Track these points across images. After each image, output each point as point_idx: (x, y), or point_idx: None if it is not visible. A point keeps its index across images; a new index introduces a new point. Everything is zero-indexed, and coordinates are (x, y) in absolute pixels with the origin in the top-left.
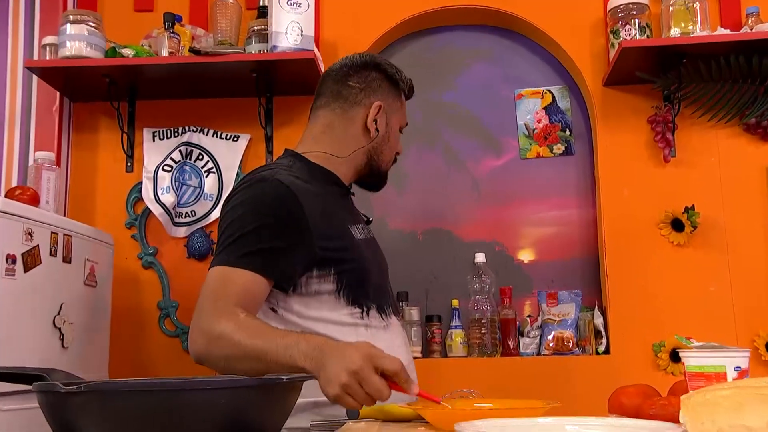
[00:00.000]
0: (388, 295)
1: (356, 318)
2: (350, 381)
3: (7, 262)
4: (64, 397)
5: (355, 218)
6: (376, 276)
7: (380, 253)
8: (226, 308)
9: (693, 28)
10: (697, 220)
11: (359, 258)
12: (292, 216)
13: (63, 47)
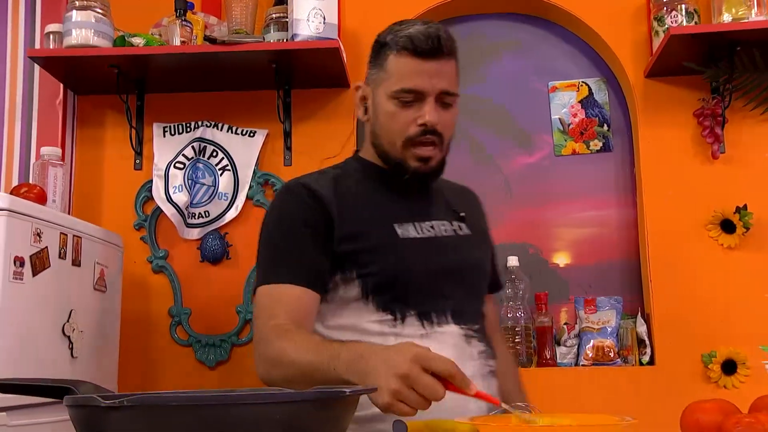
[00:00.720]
0: (446, 300)
1: (386, 326)
2: (400, 386)
3: (15, 265)
4: (103, 413)
5: (411, 215)
6: (424, 279)
7: (451, 253)
8: (277, 328)
9: (747, 13)
10: (749, 221)
11: (395, 259)
12: (311, 222)
13: (68, 35)
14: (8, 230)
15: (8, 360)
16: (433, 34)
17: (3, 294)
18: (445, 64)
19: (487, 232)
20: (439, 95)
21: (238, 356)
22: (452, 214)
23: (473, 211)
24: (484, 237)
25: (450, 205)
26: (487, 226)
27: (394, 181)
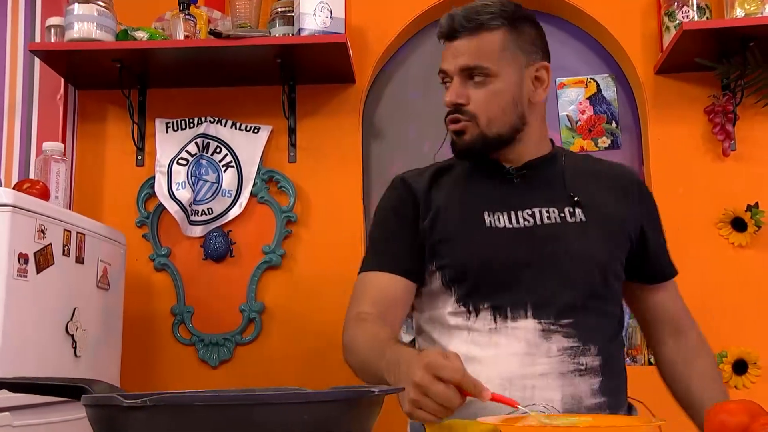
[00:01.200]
0: (527, 292)
1: (461, 319)
2: (416, 395)
3: (19, 262)
4: (125, 412)
5: (509, 203)
6: (502, 270)
7: (545, 241)
8: (355, 317)
9: (760, 8)
10: (761, 219)
11: (471, 249)
12: (401, 212)
13: (70, 29)
14: (12, 226)
15: (12, 359)
16: (453, 15)
17: (7, 292)
18: (466, 42)
19: (624, 217)
20: (464, 73)
21: (242, 355)
22: (567, 200)
23: (613, 194)
24: (610, 223)
25: (569, 189)
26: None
27: (496, 170)
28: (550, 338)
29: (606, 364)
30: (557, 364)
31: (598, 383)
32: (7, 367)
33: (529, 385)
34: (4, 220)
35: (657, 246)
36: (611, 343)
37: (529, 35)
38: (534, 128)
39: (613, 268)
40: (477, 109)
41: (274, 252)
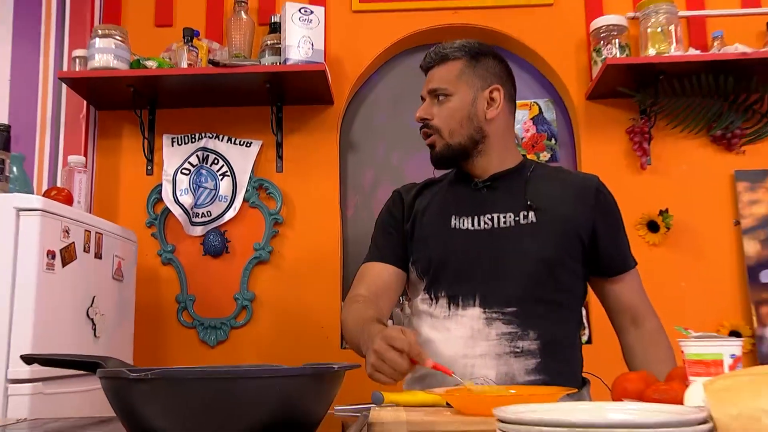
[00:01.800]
0: (477, 284)
1: (426, 306)
2: (375, 360)
3: (47, 257)
4: (131, 383)
5: (474, 209)
6: (458, 265)
7: (496, 241)
8: (350, 298)
9: (668, 48)
10: (670, 222)
11: (436, 247)
12: (393, 216)
13: (92, 59)
14: (42, 227)
15: (43, 338)
16: (429, 52)
17: (38, 283)
18: (435, 71)
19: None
20: (431, 94)
21: (236, 337)
22: (523, 206)
23: (569, 200)
24: (561, 224)
25: (521, 197)
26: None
27: (468, 182)
28: (491, 325)
29: (546, 347)
30: (494, 346)
31: (535, 364)
32: (39, 346)
33: (469, 364)
34: (35, 222)
35: (609, 244)
36: (556, 330)
37: (487, 65)
38: (495, 141)
39: (561, 262)
40: (439, 123)
41: (264, 249)
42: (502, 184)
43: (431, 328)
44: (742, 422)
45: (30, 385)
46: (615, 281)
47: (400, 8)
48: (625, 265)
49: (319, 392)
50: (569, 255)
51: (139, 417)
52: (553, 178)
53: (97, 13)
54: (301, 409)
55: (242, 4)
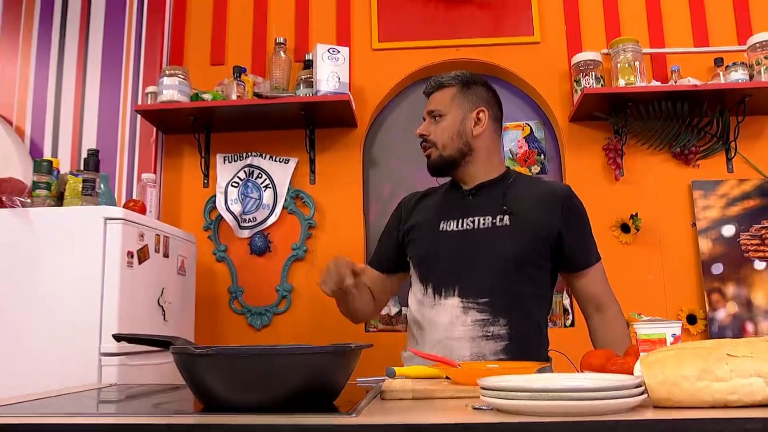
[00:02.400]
0: (457, 278)
1: (420, 295)
2: (323, 273)
3: (128, 257)
4: (195, 357)
5: (460, 213)
6: (442, 261)
7: (474, 241)
8: None
9: (635, 80)
10: (639, 224)
11: (427, 246)
12: (392, 224)
13: (161, 94)
14: (123, 233)
15: (125, 321)
16: (430, 81)
17: (121, 277)
18: (435, 96)
19: (544, 223)
20: (430, 115)
21: (278, 322)
22: (500, 211)
23: (540, 206)
24: (531, 227)
25: (499, 203)
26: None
27: (458, 191)
28: (467, 312)
29: (514, 332)
30: (469, 331)
31: (504, 346)
32: (122, 327)
33: (449, 345)
34: (118, 229)
35: (573, 244)
36: (524, 317)
37: (476, 91)
38: (480, 155)
39: (529, 260)
40: (435, 138)
41: (300, 248)
42: (485, 191)
43: (422, 313)
44: (667, 386)
45: (117, 358)
46: (580, 275)
47: (412, 46)
48: (588, 262)
49: (340, 366)
50: (537, 253)
51: (201, 383)
52: (529, 187)
53: (165, 55)
54: (326, 379)
55: (281, 45)
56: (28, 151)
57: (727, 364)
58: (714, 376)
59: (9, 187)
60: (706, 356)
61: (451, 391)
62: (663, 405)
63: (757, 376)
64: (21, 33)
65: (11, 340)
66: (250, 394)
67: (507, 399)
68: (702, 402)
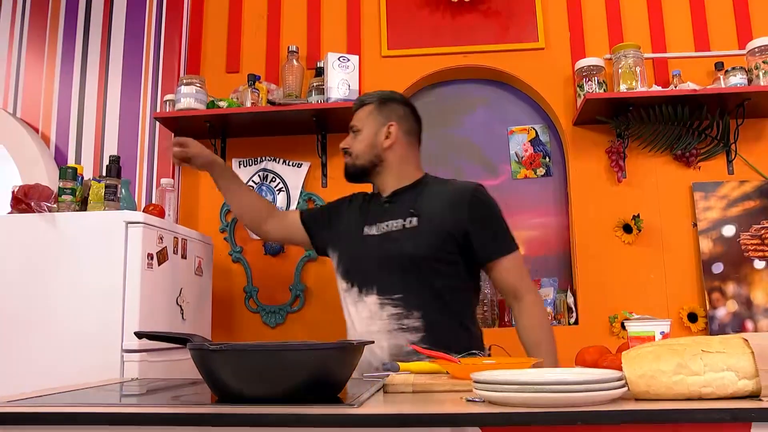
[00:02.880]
0: (373, 277)
1: (343, 290)
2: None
3: (148, 259)
4: (210, 353)
5: (377, 218)
6: (366, 264)
7: (385, 243)
8: None
9: (636, 85)
10: (641, 225)
11: (347, 248)
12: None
13: (179, 102)
14: (143, 236)
15: (146, 319)
16: (356, 100)
17: (141, 278)
18: (357, 113)
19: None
20: (351, 129)
21: (292, 320)
22: (408, 213)
23: (447, 206)
24: (437, 226)
25: (410, 207)
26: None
27: (378, 198)
28: (383, 308)
29: (429, 324)
30: (386, 324)
31: (419, 337)
32: (143, 325)
33: (372, 338)
34: (139, 232)
35: (480, 238)
36: (440, 310)
37: (391, 108)
38: (392, 165)
39: (436, 257)
40: (352, 150)
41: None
42: (399, 198)
43: (348, 309)
44: (645, 380)
45: (138, 354)
46: (493, 266)
47: (420, 53)
48: (500, 253)
49: (342, 361)
50: (445, 249)
51: (216, 378)
52: (441, 189)
53: (183, 63)
54: (330, 373)
55: (294, 53)
56: (53, 157)
57: (701, 359)
58: (689, 371)
59: (36, 193)
60: (682, 352)
61: (449, 385)
62: (643, 397)
63: (729, 371)
64: (46, 44)
65: (39, 337)
66: (261, 387)
67: (496, 392)
68: (678, 394)
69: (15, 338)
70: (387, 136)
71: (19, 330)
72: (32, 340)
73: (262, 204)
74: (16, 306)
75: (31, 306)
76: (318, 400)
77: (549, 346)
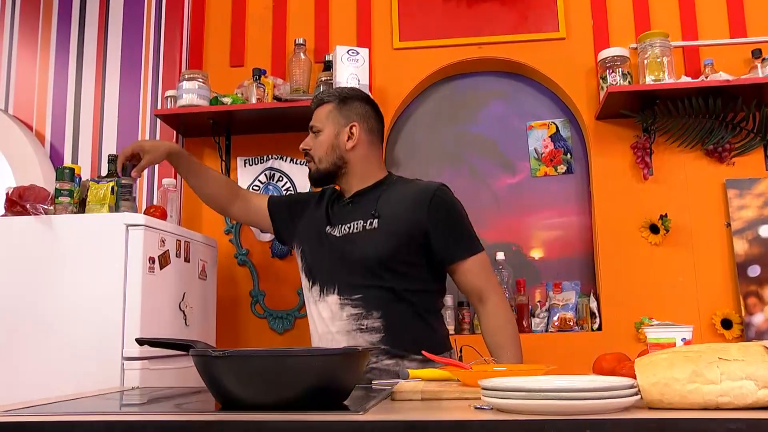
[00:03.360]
0: (334, 277)
1: (307, 288)
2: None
3: (149, 262)
4: (213, 360)
5: (340, 220)
6: (321, 262)
7: (345, 245)
8: None
9: (663, 76)
10: (669, 225)
11: (316, 250)
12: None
13: (180, 98)
14: (145, 239)
15: (147, 326)
16: (315, 96)
17: (143, 283)
18: (316, 112)
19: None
20: (311, 129)
21: (300, 325)
22: (369, 215)
23: (409, 207)
24: (397, 227)
25: (371, 208)
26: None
27: (341, 199)
28: (343, 308)
29: (389, 325)
30: (345, 324)
31: (379, 338)
32: (144, 332)
33: (329, 339)
34: (139, 235)
35: (440, 238)
36: (400, 311)
37: (352, 106)
38: (356, 166)
39: (396, 258)
40: (314, 152)
41: None
42: (361, 199)
43: (309, 308)
44: (659, 388)
45: (139, 362)
46: (456, 268)
47: (434, 45)
48: (461, 255)
49: (347, 368)
50: (405, 251)
51: (219, 384)
52: (403, 189)
53: (185, 57)
54: (334, 380)
55: (301, 46)
56: (48, 156)
57: (718, 367)
58: (704, 379)
59: (32, 195)
60: (697, 359)
61: (459, 393)
62: (656, 406)
63: (748, 379)
64: (39, 35)
65: (35, 345)
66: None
67: (504, 399)
68: (693, 404)
69: (10, 346)
70: (349, 137)
71: (15, 337)
72: (28, 348)
73: (227, 187)
74: (11, 312)
75: (28, 312)
76: (323, 408)
77: (514, 349)
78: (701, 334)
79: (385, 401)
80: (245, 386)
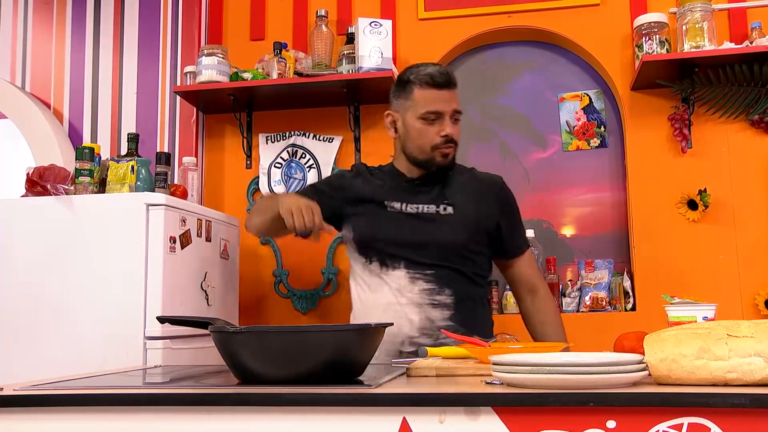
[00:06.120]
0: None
1: (360, 265)
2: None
3: (170, 242)
4: (231, 336)
5: (403, 198)
6: (392, 237)
7: (417, 223)
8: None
9: (703, 43)
10: (708, 201)
11: (377, 222)
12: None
13: (200, 74)
14: (165, 218)
15: (169, 306)
16: (444, 71)
17: (164, 262)
18: (453, 92)
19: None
20: (452, 114)
21: (324, 305)
22: (442, 200)
23: (477, 198)
24: (469, 217)
25: (444, 194)
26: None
27: (404, 181)
28: (415, 282)
29: (459, 302)
30: (417, 297)
31: (450, 314)
32: (166, 311)
33: (396, 309)
34: (161, 215)
35: (508, 233)
36: (467, 292)
37: None
38: None
39: (468, 246)
40: (457, 138)
41: None
42: (428, 181)
43: (366, 281)
44: (666, 363)
45: (161, 341)
46: (516, 261)
47: (460, 14)
48: (522, 248)
49: (362, 343)
50: (476, 240)
51: (237, 361)
52: (467, 178)
53: (204, 31)
54: (349, 355)
55: (323, 18)
56: (67, 135)
57: (726, 343)
58: (712, 355)
59: (52, 175)
60: (706, 336)
61: (473, 369)
62: (664, 382)
63: (757, 356)
64: (54, 11)
65: (58, 325)
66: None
67: (512, 373)
68: (701, 380)
69: (32, 326)
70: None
71: (37, 317)
72: (51, 328)
73: None
74: (33, 293)
75: (49, 293)
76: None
77: (562, 338)
78: (743, 315)
79: (401, 377)
80: (262, 361)
